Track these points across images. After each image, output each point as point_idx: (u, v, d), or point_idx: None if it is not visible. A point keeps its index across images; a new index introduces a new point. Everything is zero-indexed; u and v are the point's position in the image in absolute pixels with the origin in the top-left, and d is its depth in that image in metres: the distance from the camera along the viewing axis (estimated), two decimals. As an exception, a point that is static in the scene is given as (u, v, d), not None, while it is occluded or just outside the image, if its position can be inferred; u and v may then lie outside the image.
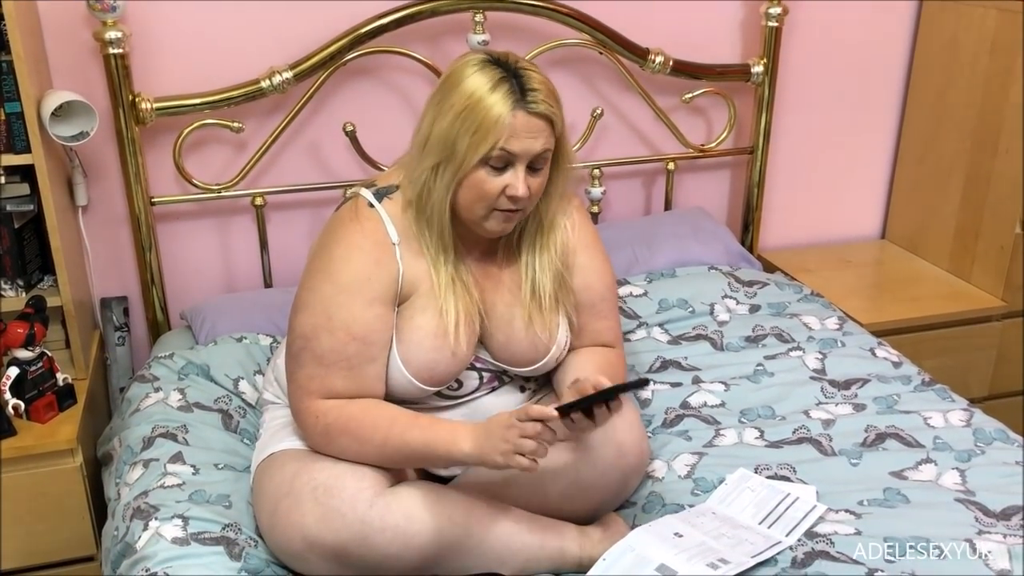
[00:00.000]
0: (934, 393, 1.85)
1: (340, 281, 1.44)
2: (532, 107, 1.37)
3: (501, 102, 1.36)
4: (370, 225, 1.47)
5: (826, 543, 1.43)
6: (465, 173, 1.40)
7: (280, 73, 2.03)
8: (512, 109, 1.36)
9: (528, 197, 1.42)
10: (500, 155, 1.38)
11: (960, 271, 2.48)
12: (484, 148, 1.37)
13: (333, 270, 1.45)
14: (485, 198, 1.41)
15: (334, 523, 1.36)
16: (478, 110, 1.36)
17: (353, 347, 1.43)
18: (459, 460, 1.40)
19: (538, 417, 1.32)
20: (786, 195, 2.63)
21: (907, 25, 2.55)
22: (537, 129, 1.39)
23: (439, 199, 1.43)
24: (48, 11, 1.95)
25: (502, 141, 1.37)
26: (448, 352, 1.48)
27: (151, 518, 1.48)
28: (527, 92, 1.37)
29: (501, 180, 1.40)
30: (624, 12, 2.26)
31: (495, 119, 1.36)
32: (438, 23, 2.12)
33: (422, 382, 1.48)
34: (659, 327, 2.08)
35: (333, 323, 1.43)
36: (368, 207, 1.49)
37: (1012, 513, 1.50)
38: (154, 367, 1.90)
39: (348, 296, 1.43)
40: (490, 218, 1.44)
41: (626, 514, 1.58)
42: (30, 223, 1.91)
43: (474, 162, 1.38)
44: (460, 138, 1.38)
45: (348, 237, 1.47)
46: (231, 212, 2.21)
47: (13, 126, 1.76)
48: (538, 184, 1.44)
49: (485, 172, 1.40)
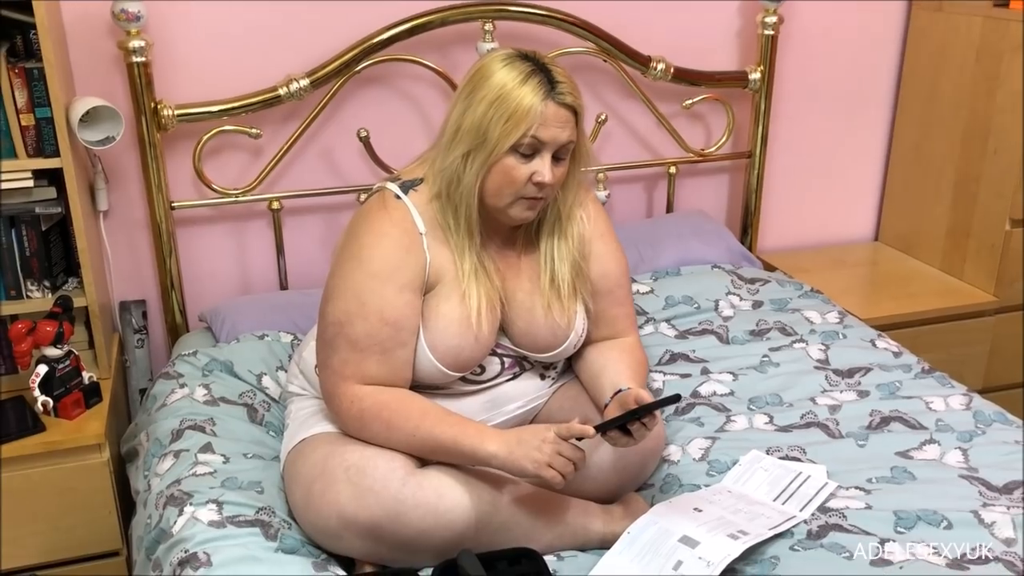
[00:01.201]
0: (934, 380, 1.92)
1: (371, 268, 1.50)
2: (560, 98, 1.46)
3: (533, 92, 1.44)
4: (398, 214, 1.53)
5: (839, 516, 1.49)
6: (496, 159, 1.47)
7: (297, 81, 2.10)
8: (543, 99, 1.45)
9: (552, 185, 1.49)
10: (530, 142, 1.46)
11: (952, 269, 2.56)
12: (516, 135, 1.44)
13: (363, 257, 1.51)
14: (513, 184, 1.48)
15: (368, 501, 1.41)
16: (511, 99, 1.44)
17: (386, 332, 1.49)
18: (483, 460, 1.45)
19: (579, 435, 1.39)
20: (782, 198, 2.71)
21: (897, 33, 2.65)
22: (564, 119, 1.47)
23: (468, 185, 1.50)
24: (73, 21, 2.01)
25: (533, 129, 1.44)
26: (472, 338, 1.54)
27: (186, 504, 1.52)
28: (556, 84, 1.46)
29: (529, 167, 1.48)
30: (627, 21, 2.35)
31: (527, 107, 1.44)
32: (448, 32, 2.20)
33: (447, 367, 1.54)
34: (666, 323, 2.15)
35: (367, 309, 1.49)
36: (395, 198, 1.55)
37: (1014, 488, 1.56)
38: (178, 364, 1.95)
39: (380, 282, 1.49)
40: (515, 205, 1.51)
41: (645, 495, 1.63)
42: (55, 226, 1.96)
43: (505, 148, 1.46)
44: (492, 126, 1.45)
45: (377, 226, 1.53)
46: (248, 216, 2.26)
47: (43, 131, 1.81)
48: (561, 173, 1.52)
49: (514, 159, 1.47)
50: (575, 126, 1.49)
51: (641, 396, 1.47)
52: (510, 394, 1.64)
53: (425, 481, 1.43)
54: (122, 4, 1.92)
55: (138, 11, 1.93)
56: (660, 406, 1.46)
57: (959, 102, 2.48)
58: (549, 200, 1.56)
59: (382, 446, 1.48)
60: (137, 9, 1.93)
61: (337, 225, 2.30)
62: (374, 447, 1.48)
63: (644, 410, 1.43)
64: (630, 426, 1.44)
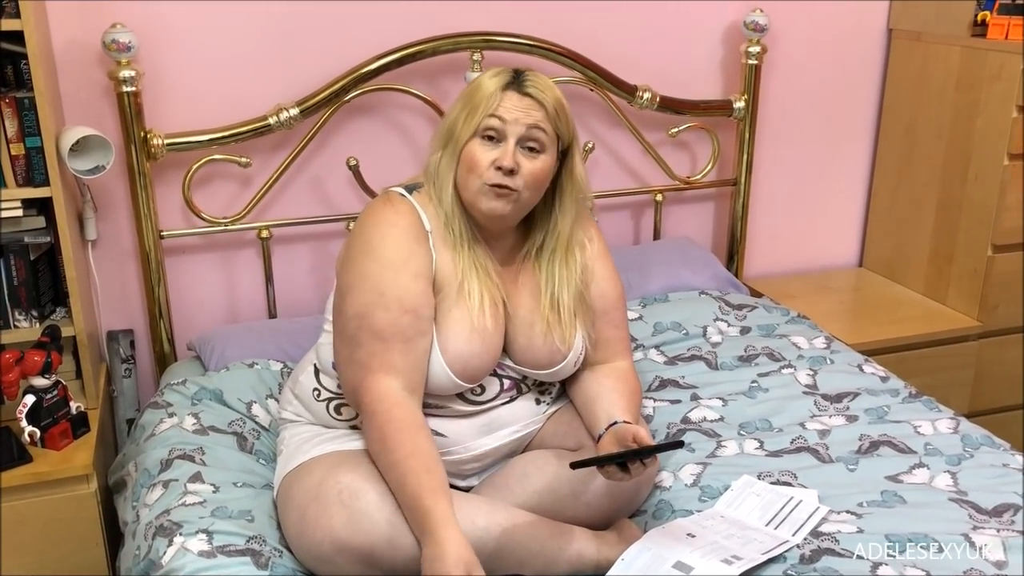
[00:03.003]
0: (921, 404, 1.93)
1: (384, 258, 1.51)
2: (523, 88, 1.51)
3: (495, 81, 1.51)
4: (404, 208, 1.56)
5: (831, 541, 1.50)
6: (461, 147, 1.51)
7: (287, 110, 2.11)
8: (504, 87, 1.51)
9: (519, 175, 1.50)
10: (491, 124, 1.49)
11: (936, 294, 2.59)
12: (476, 117, 1.50)
13: (375, 248, 1.52)
14: (476, 169, 1.50)
15: (362, 526, 1.40)
16: (474, 91, 1.52)
17: (407, 319, 1.49)
18: (425, 531, 1.37)
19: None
20: (768, 225, 2.74)
21: (877, 62, 2.70)
22: (527, 105, 1.51)
23: (444, 179, 1.54)
24: (63, 51, 2.01)
25: (492, 109, 1.49)
26: (479, 342, 1.54)
27: (175, 534, 1.51)
28: (523, 77, 1.52)
29: (493, 152, 1.50)
30: (613, 51, 2.38)
31: (486, 92, 1.50)
32: (438, 62, 2.22)
33: (456, 374, 1.54)
34: (655, 349, 2.16)
35: (386, 298, 1.49)
36: (400, 196, 1.57)
37: (1003, 510, 1.57)
38: (167, 394, 1.94)
39: (394, 271, 1.50)
40: (481, 194, 1.52)
41: (638, 521, 1.63)
42: (43, 256, 1.95)
43: (468, 134, 1.50)
44: (458, 119, 1.52)
45: (385, 218, 1.54)
46: (236, 245, 2.26)
47: (33, 160, 1.81)
48: (533, 169, 1.52)
49: (478, 143, 1.51)
50: (544, 118, 1.51)
51: (641, 436, 1.46)
52: (505, 418, 1.64)
53: (420, 507, 1.43)
54: (113, 34, 1.93)
55: (129, 41, 1.94)
56: (664, 450, 1.47)
57: (940, 130, 2.52)
58: (522, 195, 1.53)
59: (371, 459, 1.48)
60: (128, 39, 1.94)
61: (326, 253, 2.31)
62: (369, 471, 1.47)
63: (648, 451, 1.43)
64: (630, 464, 1.44)
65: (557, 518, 1.53)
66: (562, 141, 1.56)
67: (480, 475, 1.65)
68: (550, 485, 1.55)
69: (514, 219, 1.58)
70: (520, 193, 1.52)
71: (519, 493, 1.55)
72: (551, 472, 1.56)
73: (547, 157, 1.53)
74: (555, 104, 1.53)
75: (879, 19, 2.66)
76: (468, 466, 1.63)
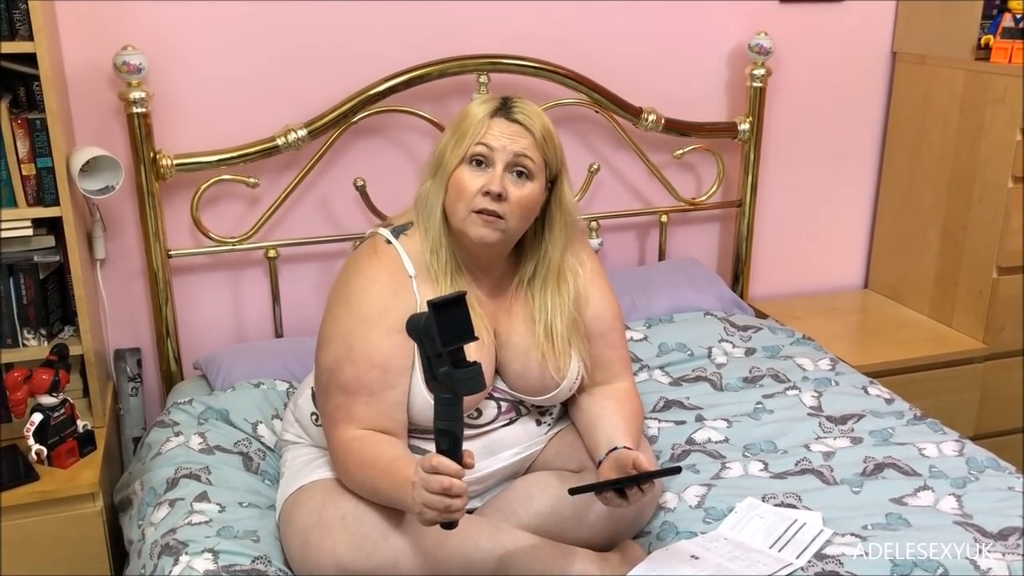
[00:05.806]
0: (926, 426, 1.93)
1: (360, 313, 1.52)
2: (511, 114, 1.52)
3: (483, 109, 1.53)
4: (387, 259, 1.56)
5: (835, 564, 1.49)
6: (449, 173, 1.52)
7: (295, 131, 2.13)
8: (492, 114, 1.52)
9: (507, 201, 1.50)
10: (478, 150, 1.51)
11: (942, 316, 2.59)
12: (464, 144, 1.51)
13: (353, 303, 1.53)
14: (463, 195, 1.51)
15: (365, 550, 1.41)
16: (463, 119, 1.53)
17: (374, 375, 1.50)
18: (399, 484, 1.39)
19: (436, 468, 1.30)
20: (773, 246, 2.74)
21: (882, 85, 2.71)
22: (514, 132, 1.52)
23: (433, 207, 1.54)
24: (75, 73, 2.04)
25: (479, 136, 1.50)
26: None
27: (181, 553, 1.51)
28: (511, 104, 1.54)
29: (481, 178, 1.51)
30: (618, 73, 2.40)
31: (474, 119, 1.52)
32: (444, 84, 2.24)
33: None
34: (660, 369, 2.16)
35: (354, 353, 1.50)
36: (385, 244, 1.58)
37: (1009, 534, 1.57)
38: (173, 413, 1.95)
39: (367, 327, 1.51)
40: (470, 221, 1.51)
41: (642, 542, 1.63)
42: (52, 274, 1.97)
43: (456, 161, 1.51)
44: (447, 146, 1.53)
45: (367, 271, 1.55)
46: (244, 265, 2.28)
47: (43, 180, 1.83)
48: (521, 195, 1.52)
49: (466, 171, 1.52)
50: (532, 144, 1.52)
51: (640, 462, 1.46)
52: (506, 440, 1.64)
53: (423, 529, 1.43)
54: (124, 56, 1.96)
55: (139, 63, 1.97)
56: (660, 476, 1.48)
57: (944, 152, 2.53)
58: (510, 222, 1.52)
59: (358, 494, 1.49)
60: (138, 61, 1.96)
61: (333, 273, 2.28)
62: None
63: (645, 478, 1.43)
64: (627, 490, 1.44)
65: (560, 540, 1.53)
66: (550, 169, 1.56)
67: (482, 496, 1.65)
68: (553, 507, 1.55)
69: (504, 248, 1.59)
70: (508, 220, 1.52)
71: (522, 515, 1.56)
72: (554, 494, 1.56)
73: (535, 184, 1.54)
74: (543, 131, 1.54)
75: (883, 42, 2.68)
76: (470, 488, 1.62)
